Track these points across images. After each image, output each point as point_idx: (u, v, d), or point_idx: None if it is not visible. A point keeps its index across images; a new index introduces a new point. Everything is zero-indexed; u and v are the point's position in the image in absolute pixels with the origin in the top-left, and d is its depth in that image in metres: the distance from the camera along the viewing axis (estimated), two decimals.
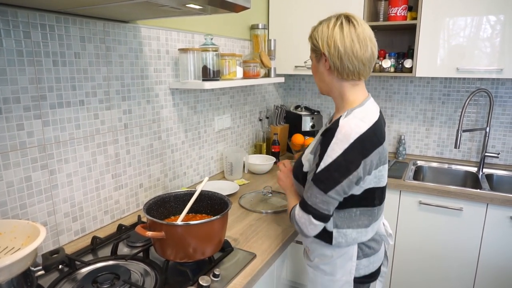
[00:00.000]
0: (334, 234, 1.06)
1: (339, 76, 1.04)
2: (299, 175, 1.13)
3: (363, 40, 1.00)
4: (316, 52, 1.06)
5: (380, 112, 1.08)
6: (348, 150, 0.94)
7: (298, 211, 1.04)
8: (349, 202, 1.03)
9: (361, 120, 0.98)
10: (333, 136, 0.96)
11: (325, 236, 1.07)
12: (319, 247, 1.12)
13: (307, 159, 1.09)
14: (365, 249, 1.10)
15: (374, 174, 1.01)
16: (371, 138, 0.97)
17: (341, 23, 1.02)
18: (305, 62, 1.17)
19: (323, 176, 0.98)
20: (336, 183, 0.97)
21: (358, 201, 1.04)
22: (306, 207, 1.02)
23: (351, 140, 0.95)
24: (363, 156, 0.96)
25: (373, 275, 1.15)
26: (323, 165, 0.97)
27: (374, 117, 1.01)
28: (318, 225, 1.02)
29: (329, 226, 1.06)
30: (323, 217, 1.01)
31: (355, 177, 0.97)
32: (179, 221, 1.07)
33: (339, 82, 1.05)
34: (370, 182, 1.02)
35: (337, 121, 1.00)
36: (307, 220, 1.02)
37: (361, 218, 1.06)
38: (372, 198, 1.05)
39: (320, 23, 1.07)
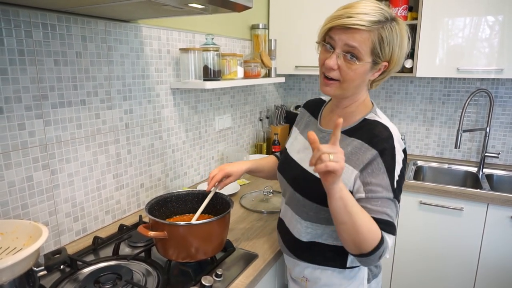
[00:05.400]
0: (349, 254, 0.95)
1: (374, 86, 0.96)
2: (320, 195, 0.88)
3: (406, 47, 0.91)
4: (377, 57, 0.87)
5: None
6: (404, 153, 0.89)
7: (389, 237, 0.84)
8: None
9: (388, 120, 0.93)
10: (393, 142, 0.86)
11: (337, 260, 0.96)
12: (326, 275, 0.99)
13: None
14: (373, 270, 1.01)
15: None
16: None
17: (401, 26, 0.88)
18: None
19: (399, 188, 0.87)
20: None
21: None
22: (395, 229, 0.85)
23: (402, 143, 0.89)
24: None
25: None
26: (397, 176, 0.85)
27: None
28: None
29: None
30: None
31: None
32: (193, 220, 1.07)
33: (366, 88, 0.97)
34: None
35: (376, 124, 0.90)
36: (393, 241, 0.86)
37: None
38: None
39: (387, 19, 0.85)
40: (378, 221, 0.82)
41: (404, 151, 0.89)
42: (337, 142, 0.75)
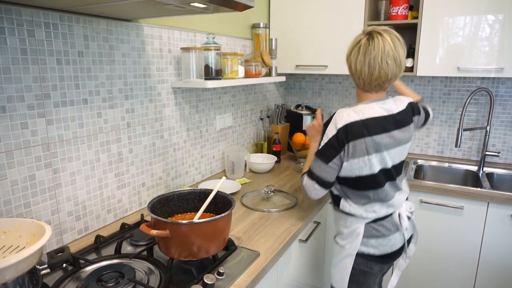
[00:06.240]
0: (341, 201, 1.31)
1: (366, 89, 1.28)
2: None
3: (372, 64, 1.19)
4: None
5: (403, 113, 1.26)
6: (338, 132, 1.18)
7: (305, 178, 1.28)
8: (348, 183, 1.26)
9: (355, 112, 1.19)
10: (328, 123, 1.22)
11: (337, 201, 1.34)
12: (338, 226, 1.37)
13: None
14: (371, 230, 1.28)
15: (364, 162, 1.19)
16: (358, 128, 1.17)
17: (360, 46, 1.21)
18: None
19: (323, 151, 1.22)
20: (333, 155, 1.21)
21: (352, 184, 1.26)
22: (311, 175, 1.26)
23: (340, 125, 1.18)
24: (348, 140, 1.17)
25: (382, 258, 1.30)
26: (322, 143, 1.23)
27: (373, 113, 1.20)
28: (320, 190, 1.26)
29: (338, 193, 1.33)
30: (325, 184, 1.25)
31: (344, 154, 1.19)
32: (195, 219, 1.07)
33: (360, 94, 1.31)
34: (361, 169, 1.20)
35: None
36: (311, 186, 1.26)
37: (359, 198, 1.27)
38: (365, 184, 1.23)
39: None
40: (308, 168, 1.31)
41: (343, 128, 1.17)
42: (318, 117, 1.44)
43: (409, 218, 1.34)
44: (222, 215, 1.03)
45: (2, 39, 0.98)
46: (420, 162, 2.29)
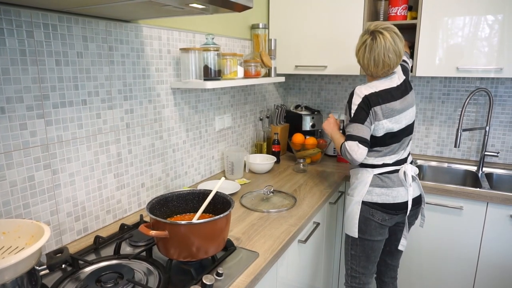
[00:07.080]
0: None
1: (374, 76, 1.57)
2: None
3: (376, 59, 1.47)
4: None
5: (403, 84, 1.54)
6: (363, 99, 1.47)
7: (347, 143, 1.46)
8: (372, 142, 1.52)
9: (370, 87, 1.50)
10: (353, 94, 1.51)
11: None
12: (352, 179, 1.62)
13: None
14: (377, 180, 1.53)
15: (382, 124, 1.47)
16: (373, 97, 1.47)
17: (365, 45, 1.47)
18: None
19: (356, 116, 1.47)
20: (365, 116, 1.47)
21: (377, 141, 1.52)
22: (351, 137, 1.46)
23: (362, 96, 1.48)
24: (370, 106, 1.47)
25: (384, 207, 1.51)
26: (352, 111, 1.49)
27: (383, 87, 1.50)
28: (363, 149, 1.44)
29: None
30: (365, 142, 1.45)
31: (372, 117, 1.47)
32: (194, 220, 1.07)
33: (369, 79, 1.61)
34: (378, 130, 1.49)
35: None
36: (355, 146, 1.44)
37: (373, 152, 1.54)
38: (379, 142, 1.51)
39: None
40: (345, 136, 1.51)
41: (365, 97, 1.47)
42: (331, 116, 1.73)
43: (414, 178, 1.55)
44: (221, 215, 1.03)
45: (1, 40, 0.98)
46: (419, 162, 2.29)
